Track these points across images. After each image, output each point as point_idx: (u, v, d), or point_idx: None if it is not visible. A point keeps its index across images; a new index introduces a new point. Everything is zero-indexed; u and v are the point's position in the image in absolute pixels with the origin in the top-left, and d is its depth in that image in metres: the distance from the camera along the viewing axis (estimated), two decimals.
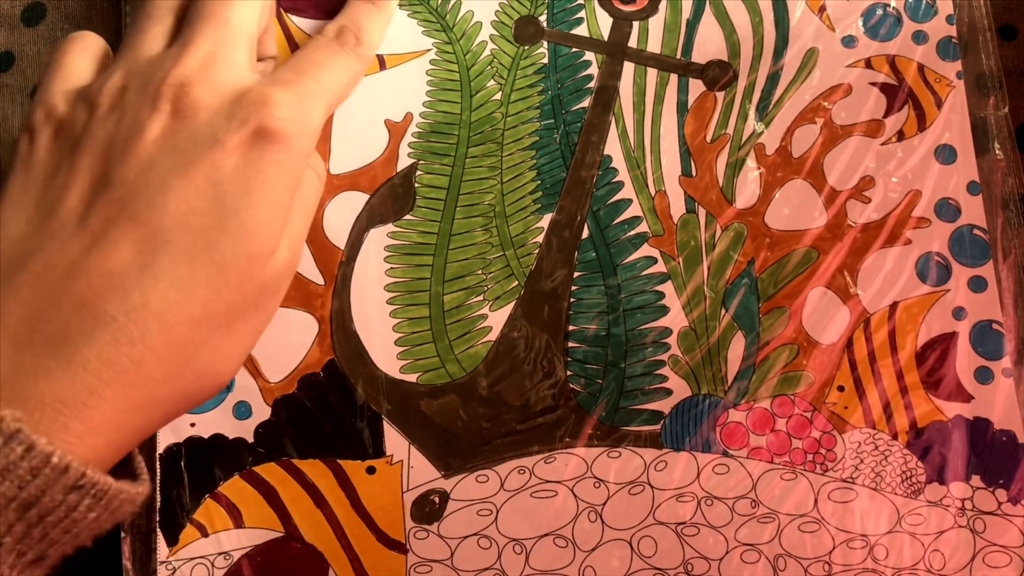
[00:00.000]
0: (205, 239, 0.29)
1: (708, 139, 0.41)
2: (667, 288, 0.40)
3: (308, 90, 0.33)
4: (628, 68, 0.42)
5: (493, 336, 0.39)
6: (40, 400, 0.26)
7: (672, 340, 0.39)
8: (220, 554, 0.38)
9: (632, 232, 0.40)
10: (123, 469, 0.30)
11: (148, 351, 0.28)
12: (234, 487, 0.38)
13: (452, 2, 0.42)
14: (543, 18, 0.42)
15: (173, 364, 0.28)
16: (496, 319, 0.39)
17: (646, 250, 0.40)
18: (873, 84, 0.41)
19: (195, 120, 0.30)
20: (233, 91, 0.31)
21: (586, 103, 0.42)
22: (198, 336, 0.29)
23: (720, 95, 0.41)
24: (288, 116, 0.31)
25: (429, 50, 0.42)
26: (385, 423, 0.39)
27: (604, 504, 0.38)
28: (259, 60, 0.37)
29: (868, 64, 0.42)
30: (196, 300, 0.28)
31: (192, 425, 0.39)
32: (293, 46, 0.42)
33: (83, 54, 0.35)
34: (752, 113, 0.41)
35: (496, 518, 0.38)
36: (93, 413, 0.27)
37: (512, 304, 0.40)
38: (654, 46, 0.42)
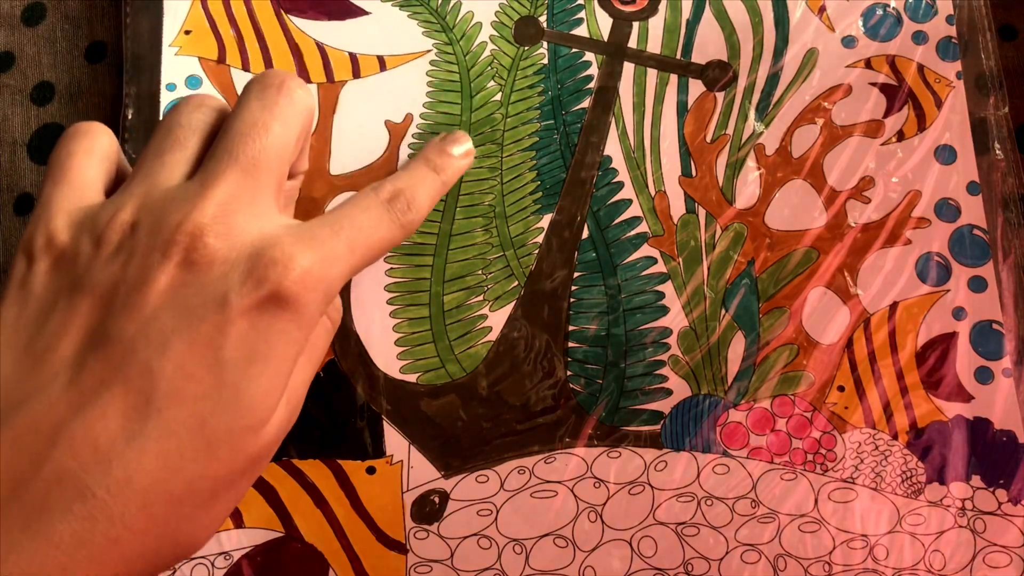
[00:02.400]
0: (198, 411, 0.27)
1: (708, 139, 0.41)
2: (667, 288, 0.40)
3: (338, 254, 0.30)
4: (628, 68, 0.42)
5: (493, 336, 0.39)
6: (8, 574, 0.24)
7: (672, 340, 0.39)
8: (220, 554, 0.38)
9: (632, 232, 0.40)
10: None
11: (126, 530, 0.26)
12: None
13: (452, 3, 0.43)
14: (543, 19, 0.43)
15: (151, 541, 0.26)
16: (496, 319, 0.39)
17: (646, 250, 0.40)
18: (873, 84, 0.41)
19: (207, 275, 0.28)
20: (252, 244, 0.28)
21: (586, 104, 0.42)
22: (180, 512, 0.27)
23: (720, 95, 0.42)
24: (308, 281, 0.28)
25: (429, 51, 0.42)
26: (385, 423, 0.39)
27: (604, 504, 0.38)
28: (289, 178, 0.34)
29: (868, 64, 0.42)
30: (181, 477, 0.26)
31: None
32: (293, 46, 0.42)
33: (90, 158, 0.31)
34: (752, 113, 0.41)
35: (496, 518, 0.38)
36: None
37: (512, 304, 0.40)
38: (654, 46, 0.42)
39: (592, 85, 0.42)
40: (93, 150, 0.32)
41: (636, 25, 0.42)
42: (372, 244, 0.32)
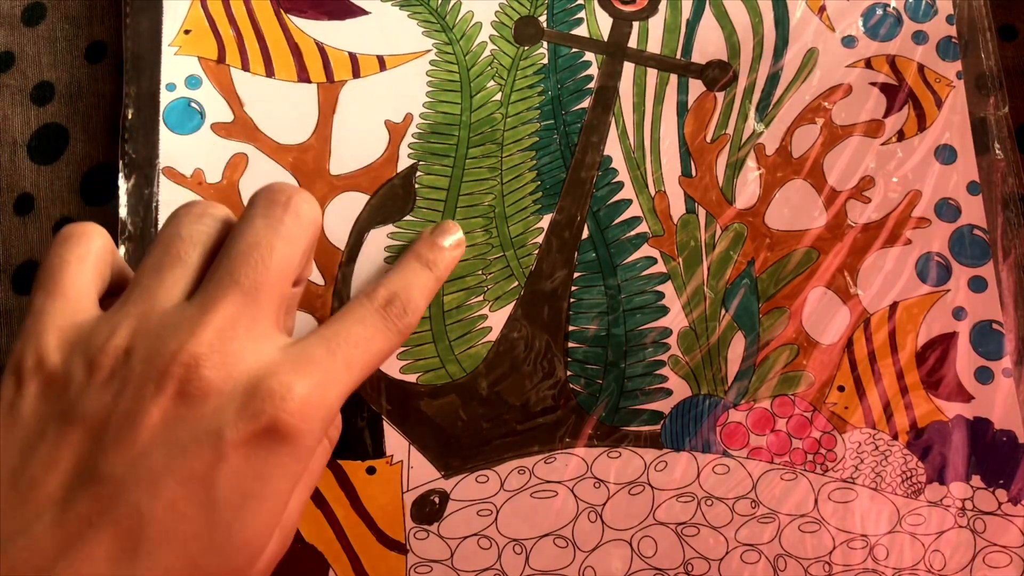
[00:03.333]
0: (189, 552, 0.26)
1: (708, 139, 0.41)
2: (667, 288, 0.40)
3: (336, 376, 0.29)
4: (628, 68, 0.42)
5: (493, 336, 0.39)
6: None
7: (672, 340, 0.39)
8: None
9: (632, 232, 0.40)
10: None
11: None
12: None
13: (452, 3, 0.43)
14: (543, 18, 0.43)
15: None
16: (496, 319, 0.39)
17: (646, 250, 0.40)
18: (873, 84, 0.41)
19: (201, 408, 0.27)
20: (249, 375, 0.27)
21: (586, 103, 0.42)
22: None
23: (720, 95, 0.41)
24: (306, 411, 0.27)
25: (429, 51, 0.42)
26: (385, 423, 0.39)
27: (604, 504, 0.38)
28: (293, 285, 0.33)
29: (868, 64, 0.42)
30: None
31: None
32: (292, 46, 0.42)
33: (83, 267, 0.30)
34: (752, 113, 0.41)
35: (496, 518, 0.38)
36: None
37: (512, 304, 0.40)
38: (654, 46, 0.42)
39: (592, 85, 0.42)
40: (86, 257, 0.30)
41: (636, 25, 0.42)
42: (370, 358, 0.31)
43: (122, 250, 0.39)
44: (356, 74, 0.42)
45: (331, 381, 0.29)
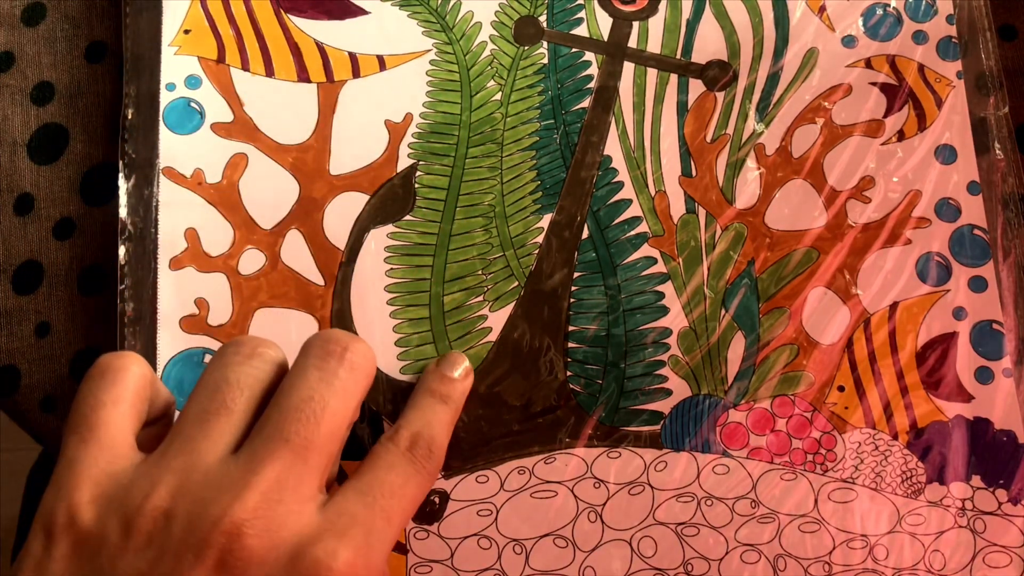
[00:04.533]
0: None
1: (708, 139, 0.41)
2: (667, 288, 0.40)
3: (378, 532, 0.28)
4: (628, 68, 0.42)
5: (493, 337, 0.39)
6: None
7: (672, 340, 0.39)
8: None
9: (632, 232, 0.40)
10: None
11: None
12: None
13: (452, 2, 0.42)
14: (543, 18, 0.43)
15: None
16: (496, 320, 0.39)
17: (646, 250, 0.40)
18: (873, 84, 0.41)
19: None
20: (293, 543, 0.26)
21: (586, 103, 0.42)
22: None
23: (720, 95, 0.41)
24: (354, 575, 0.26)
25: (429, 50, 0.42)
26: (385, 424, 0.39)
27: (604, 504, 0.38)
28: None
29: (868, 64, 0.42)
30: None
31: None
32: (292, 46, 0.42)
33: (119, 409, 0.28)
34: (752, 113, 0.41)
35: (496, 518, 0.38)
36: None
37: (512, 305, 0.40)
38: (654, 46, 0.42)
39: (592, 85, 0.42)
40: (123, 397, 0.28)
41: (636, 25, 0.42)
42: (407, 505, 0.30)
43: (122, 251, 0.39)
44: (356, 74, 0.42)
45: (375, 539, 0.27)
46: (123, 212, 0.39)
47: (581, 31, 0.42)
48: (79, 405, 0.28)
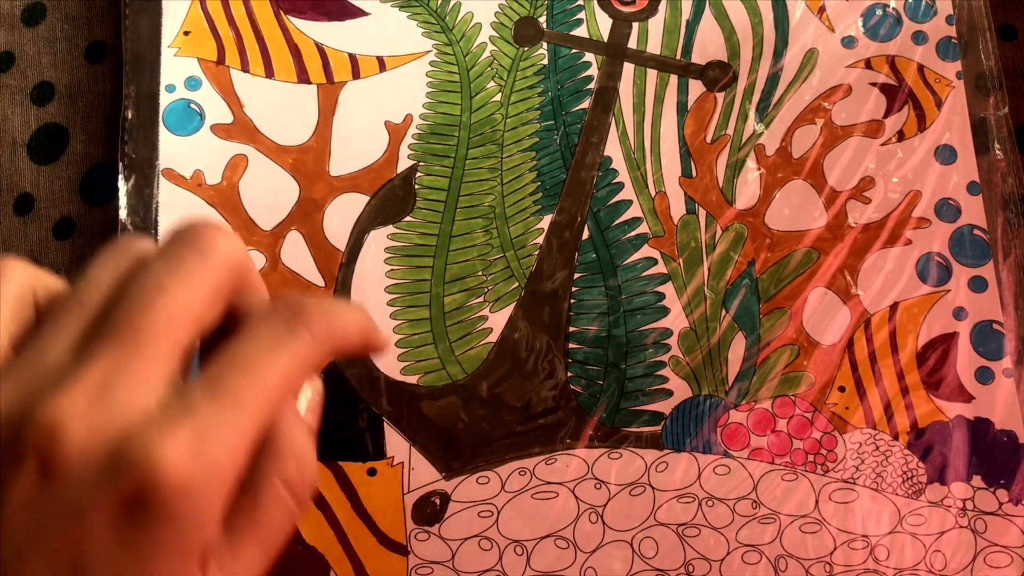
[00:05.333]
0: None
1: (708, 140, 0.41)
2: (668, 289, 0.40)
3: (221, 421, 0.24)
4: (628, 69, 0.42)
5: (494, 337, 0.39)
6: None
7: (673, 341, 0.39)
8: None
9: (632, 233, 0.40)
10: None
11: None
12: None
13: (452, 3, 0.42)
14: (543, 19, 0.43)
15: None
16: (496, 320, 0.39)
17: (646, 251, 0.40)
18: (873, 84, 0.41)
19: (61, 482, 0.23)
20: (115, 436, 0.23)
21: (586, 104, 0.42)
22: None
23: (720, 96, 0.42)
24: (177, 474, 0.23)
25: (429, 51, 0.42)
26: (386, 425, 0.39)
27: (605, 505, 0.38)
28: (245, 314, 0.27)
29: (868, 64, 0.42)
30: None
31: None
32: (292, 47, 0.42)
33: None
34: (752, 114, 0.41)
35: (497, 519, 0.38)
36: None
37: (512, 305, 0.40)
38: (654, 47, 0.42)
39: (592, 86, 0.42)
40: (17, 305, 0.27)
41: (636, 26, 0.42)
42: (271, 383, 0.25)
43: None
44: (356, 75, 0.42)
45: (212, 430, 0.23)
46: (123, 212, 0.39)
47: (581, 32, 0.42)
48: None
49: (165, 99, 0.41)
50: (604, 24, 0.42)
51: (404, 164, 0.41)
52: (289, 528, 0.26)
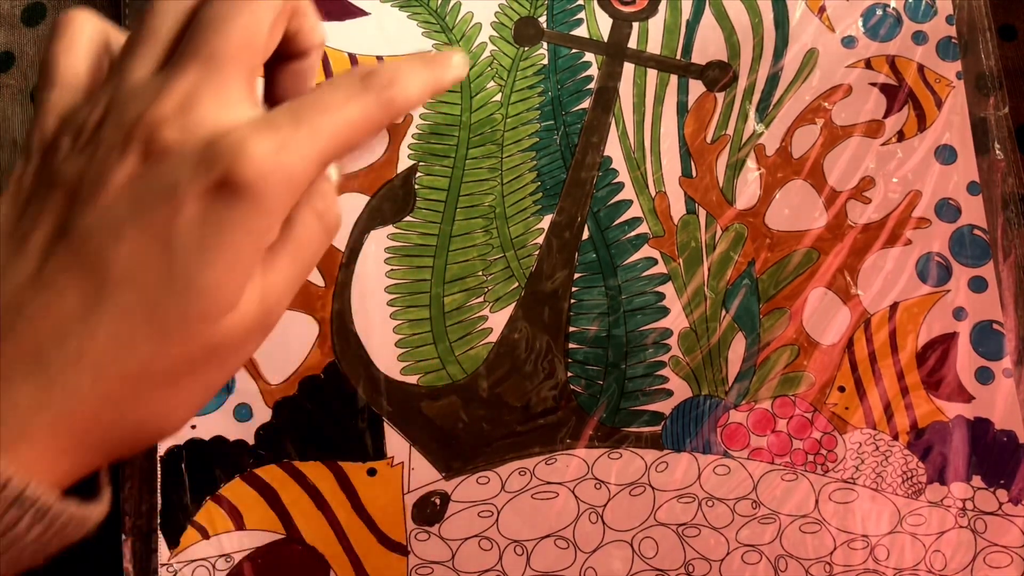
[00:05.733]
0: (150, 296, 0.27)
1: (708, 140, 0.41)
2: (667, 289, 0.40)
3: (298, 140, 0.29)
4: (628, 69, 0.42)
5: (494, 337, 0.39)
6: None
7: (673, 341, 0.39)
8: (221, 556, 0.38)
9: (632, 233, 0.40)
10: (84, 486, 0.29)
11: (80, 402, 0.27)
12: (235, 489, 0.38)
13: (452, 3, 0.42)
14: (543, 19, 0.42)
15: (106, 416, 0.28)
16: (497, 320, 0.39)
17: (646, 251, 0.40)
18: (873, 84, 0.41)
19: (161, 166, 0.28)
20: (208, 134, 0.28)
21: (586, 104, 0.42)
22: (134, 392, 0.28)
23: (720, 96, 0.41)
24: (259, 169, 0.27)
25: (429, 51, 0.42)
26: (386, 425, 0.39)
27: (605, 505, 0.38)
28: (301, 56, 0.33)
29: (868, 64, 0.42)
30: (135, 357, 0.27)
31: (193, 427, 0.38)
32: None
33: (72, 56, 0.33)
34: (752, 114, 0.41)
35: (497, 519, 0.38)
36: (24, 453, 0.27)
37: (512, 305, 0.40)
38: (654, 47, 0.42)
39: (592, 86, 0.42)
40: (74, 46, 0.32)
41: (636, 26, 0.42)
42: (341, 126, 0.30)
43: None
44: None
45: (292, 145, 0.28)
46: None
47: (581, 32, 0.42)
48: (42, 59, 0.32)
49: None
50: (604, 24, 0.42)
51: (404, 164, 0.41)
52: (319, 253, 0.31)
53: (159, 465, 0.38)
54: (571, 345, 0.39)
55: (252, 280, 0.29)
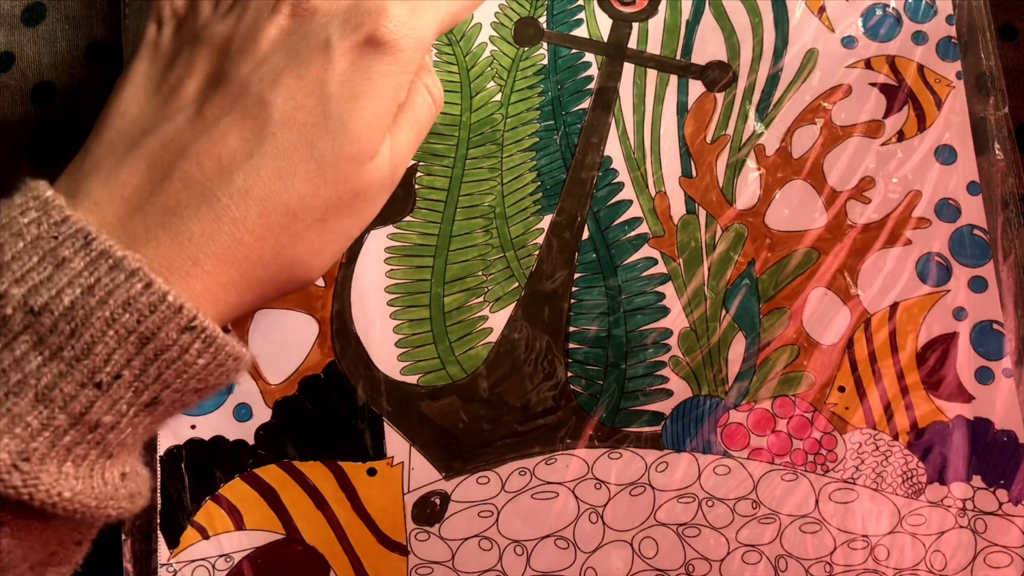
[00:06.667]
0: (308, 136, 0.30)
1: (708, 140, 0.41)
2: (668, 289, 0.40)
3: (425, 7, 0.33)
4: (628, 69, 0.42)
5: (494, 337, 0.39)
6: (149, 264, 0.27)
7: (673, 341, 0.39)
8: (221, 556, 0.38)
9: (632, 233, 0.40)
10: None
11: (247, 233, 0.29)
12: (235, 489, 0.38)
13: None
14: (543, 19, 0.42)
15: (269, 248, 0.30)
16: (497, 320, 0.39)
17: (646, 251, 0.40)
18: (873, 85, 0.41)
19: (311, 23, 0.31)
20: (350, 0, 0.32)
21: (586, 104, 0.42)
22: (293, 226, 0.30)
23: (720, 96, 0.42)
24: (399, 28, 0.31)
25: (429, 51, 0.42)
26: (386, 425, 0.39)
27: (605, 505, 0.38)
28: None
29: (868, 65, 0.42)
30: (294, 192, 0.30)
31: (192, 427, 0.38)
32: None
33: None
34: (752, 114, 0.41)
35: (497, 519, 0.38)
36: (195, 282, 0.28)
37: (512, 305, 0.40)
38: (654, 47, 0.42)
39: (592, 86, 0.42)
40: None
41: (636, 26, 0.42)
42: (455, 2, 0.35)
43: None
44: None
45: (422, 9, 0.33)
46: None
47: (581, 32, 0.42)
48: None
49: None
50: (604, 24, 0.42)
51: None
52: (430, 122, 0.35)
53: (159, 465, 0.38)
54: (571, 345, 0.39)
55: (386, 134, 0.32)
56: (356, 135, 0.31)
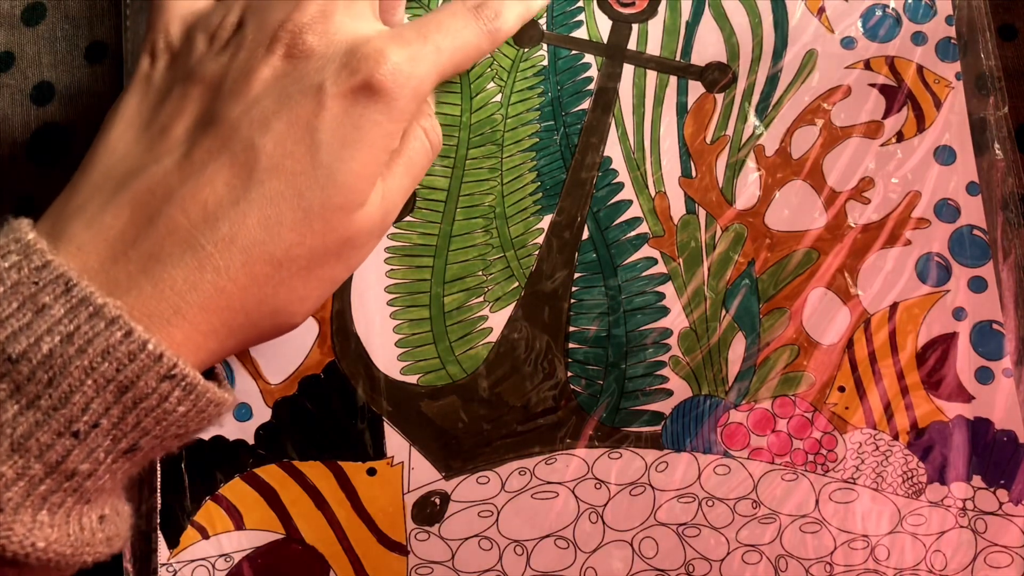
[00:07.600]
0: (296, 185, 0.29)
1: (708, 140, 0.41)
2: (667, 289, 0.40)
3: (425, 54, 0.32)
4: (628, 70, 0.42)
5: (494, 337, 0.39)
6: (129, 312, 0.27)
7: (673, 341, 0.39)
8: (221, 556, 0.38)
9: (632, 233, 0.40)
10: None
11: (230, 281, 0.29)
12: (235, 489, 0.38)
13: None
14: (542, 21, 0.43)
15: (252, 297, 0.29)
16: (496, 320, 0.39)
17: (646, 251, 0.40)
18: (872, 85, 0.41)
19: (306, 65, 0.31)
20: (348, 41, 0.31)
21: (586, 105, 0.42)
22: (278, 275, 0.30)
23: (720, 97, 0.42)
24: (397, 76, 0.31)
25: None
26: (386, 424, 0.39)
27: (605, 505, 0.38)
28: None
29: (867, 65, 0.42)
30: (280, 241, 0.29)
31: None
32: None
33: None
34: (752, 114, 0.41)
35: (497, 519, 0.38)
36: (175, 331, 0.28)
37: (512, 305, 0.40)
38: (653, 48, 0.42)
39: (592, 87, 0.42)
40: None
41: (635, 27, 0.42)
42: (458, 47, 0.34)
43: None
44: None
45: (421, 57, 0.32)
46: None
47: (581, 33, 0.42)
48: None
49: None
50: (604, 25, 0.43)
51: None
52: (425, 167, 0.35)
53: (159, 465, 0.38)
54: (571, 345, 0.39)
55: (377, 182, 0.32)
56: (345, 185, 0.30)
